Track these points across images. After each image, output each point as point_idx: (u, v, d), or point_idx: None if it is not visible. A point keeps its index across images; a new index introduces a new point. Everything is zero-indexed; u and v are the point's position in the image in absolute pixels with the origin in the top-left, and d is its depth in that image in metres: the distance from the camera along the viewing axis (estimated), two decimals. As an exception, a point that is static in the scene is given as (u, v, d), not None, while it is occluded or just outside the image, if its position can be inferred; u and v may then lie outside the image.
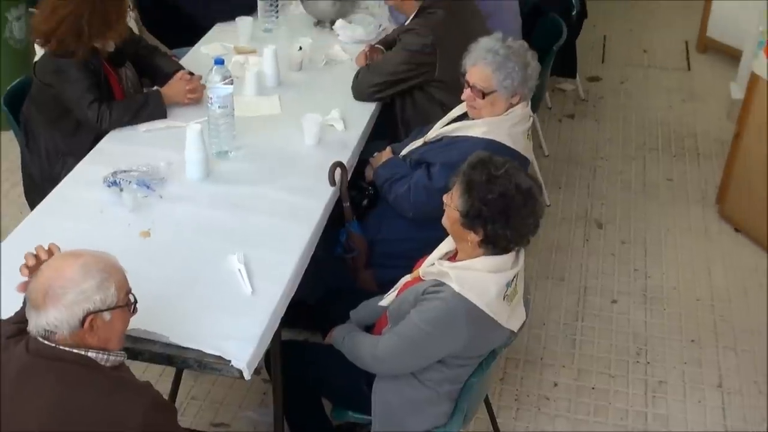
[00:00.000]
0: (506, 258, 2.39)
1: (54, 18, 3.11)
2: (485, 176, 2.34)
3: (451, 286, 2.34)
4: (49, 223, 2.74)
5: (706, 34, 6.00)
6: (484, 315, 2.33)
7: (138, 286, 2.06)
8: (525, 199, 2.33)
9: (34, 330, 1.87)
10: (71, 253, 1.95)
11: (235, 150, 3.12)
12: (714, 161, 4.78)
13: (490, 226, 2.31)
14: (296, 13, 4.14)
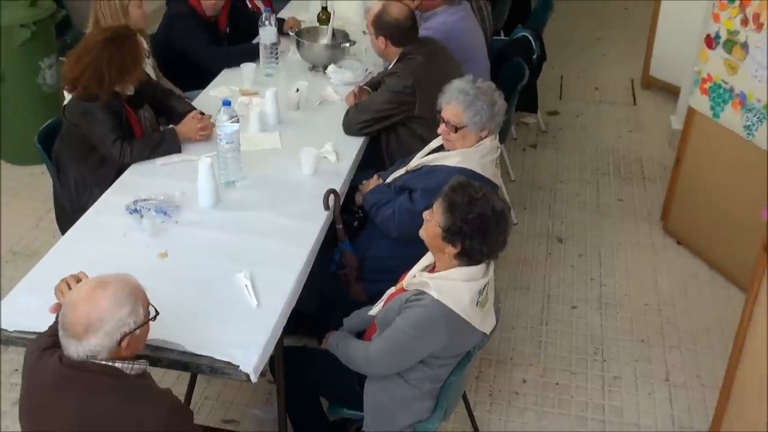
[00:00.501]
0: (478, 269, 2.41)
1: (78, 67, 3.11)
2: (466, 198, 2.37)
3: (431, 294, 2.36)
4: (78, 247, 2.74)
5: (649, 73, 6.04)
6: (460, 319, 2.35)
7: (156, 301, 2.06)
8: (499, 220, 2.37)
9: (74, 355, 1.85)
10: (98, 282, 1.91)
11: (241, 180, 3.11)
12: (658, 184, 4.79)
13: (468, 242, 2.34)
14: (293, 59, 4.14)
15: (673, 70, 5.66)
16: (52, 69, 4.68)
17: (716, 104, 3.89)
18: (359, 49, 4.17)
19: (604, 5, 7.55)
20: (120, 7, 3.61)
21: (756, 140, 3.67)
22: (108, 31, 3.27)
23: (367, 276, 3.06)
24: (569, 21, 6.98)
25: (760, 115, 3.63)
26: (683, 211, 4.25)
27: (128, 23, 3.53)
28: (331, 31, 4.17)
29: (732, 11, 3.71)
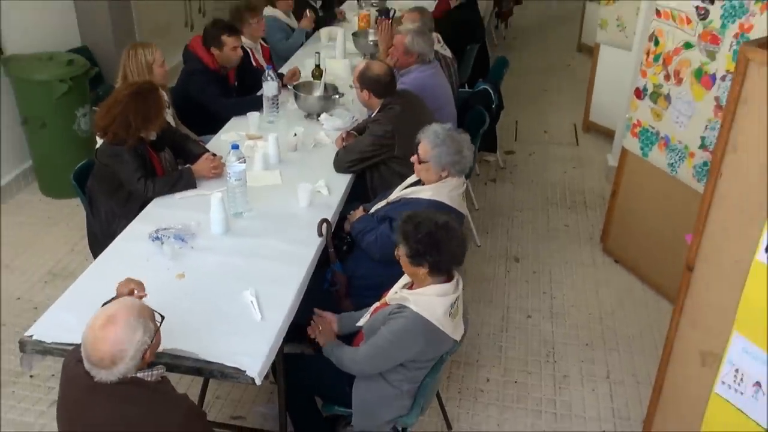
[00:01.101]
0: (449, 285, 2.42)
1: (109, 116, 3.10)
2: (412, 225, 2.40)
3: (410, 307, 2.38)
4: (108, 270, 2.71)
5: (589, 118, 6.08)
6: (435, 328, 2.36)
7: (174, 315, 2.07)
8: (447, 231, 2.39)
9: (105, 379, 1.82)
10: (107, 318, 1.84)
11: (247, 211, 3.09)
12: (597, 211, 4.81)
13: (429, 258, 2.36)
14: (292, 108, 4.14)
15: (608, 117, 5.71)
16: (86, 117, 4.66)
17: (645, 145, 3.93)
18: (347, 100, 4.19)
19: (550, 63, 7.65)
20: (145, 65, 3.62)
21: (679, 176, 3.71)
22: (134, 86, 3.26)
23: (354, 292, 3.05)
24: (522, 76, 7.05)
25: (681, 154, 3.67)
26: (619, 234, 4.28)
27: (152, 79, 3.53)
28: (323, 85, 4.20)
29: (657, 68, 3.77)
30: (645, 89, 3.87)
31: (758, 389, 2.08)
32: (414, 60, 4.09)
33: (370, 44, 5.02)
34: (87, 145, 4.53)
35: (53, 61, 4.56)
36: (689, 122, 3.59)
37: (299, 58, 4.95)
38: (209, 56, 4.12)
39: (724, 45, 3.35)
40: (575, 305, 3.94)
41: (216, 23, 4.15)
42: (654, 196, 3.93)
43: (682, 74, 3.59)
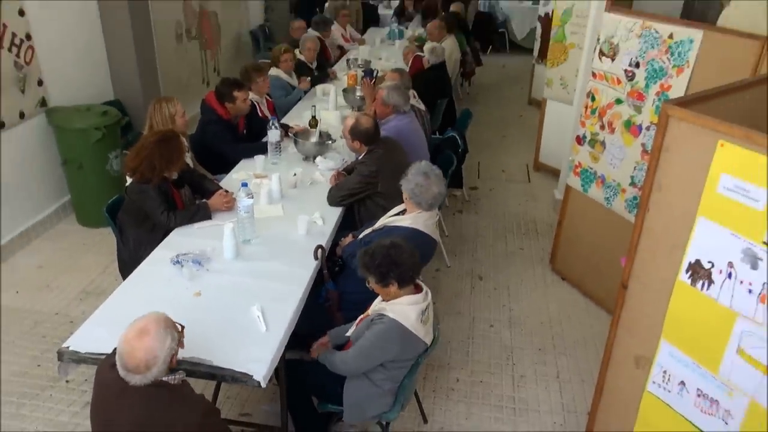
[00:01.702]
0: (419, 296, 2.45)
1: (137, 159, 3.09)
2: (368, 257, 2.43)
3: (388, 315, 2.39)
4: (135, 289, 2.69)
5: (539, 159, 6.12)
6: (409, 332, 2.38)
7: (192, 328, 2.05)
8: (396, 248, 2.40)
9: (138, 383, 1.80)
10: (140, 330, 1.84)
11: (254, 239, 3.08)
12: (546, 237, 4.82)
13: (393, 274, 2.38)
14: (292, 152, 4.14)
15: (555, 158, 5.74)
16: (117, 159, 4.63)
17: (585, 183, 3.97)
18: (338, 145, 4.19)
19: (506, 114, 7.69)
20: (168, 117, 3.60)
21: (613, 208, 3.74)
22: (159, 134, 3.25)
23: (345, 306, 3.03)
24: (483, 124, 7.09)
25: (615, 190, 3.72)
26: (565, 256, 4.30)
27: (174, 128, 3.52)
28: (319, 133, 4.21)
29: (593, 120, 3.82)
30: (584, 137, 3.92)
31: (683, 387, 2.09)
32: (391, 111, 4.11)
33: (357, 98, 5.05)
34: (117, 183, 4.50)
35: (90, 112, 4.54)
36: (621, 164, 3.64)
37: (298, 111, 4.97)
38: (222, 108, 4.12)
39: (648, 101, 3.41)
40: (530, 316, 3.94)
41: (225, 82, 4.12)
42: (593, 224, 3.95)
43: (615, 125, 3.65)
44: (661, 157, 2.05)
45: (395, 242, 2.43)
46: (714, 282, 1.91)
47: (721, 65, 2.97)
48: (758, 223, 1.76)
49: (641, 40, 3.39)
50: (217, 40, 7.33)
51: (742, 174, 1.79)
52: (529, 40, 9.71)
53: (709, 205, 1.90)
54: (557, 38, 5.53)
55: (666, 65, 3.27)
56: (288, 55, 5.20)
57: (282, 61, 5.17)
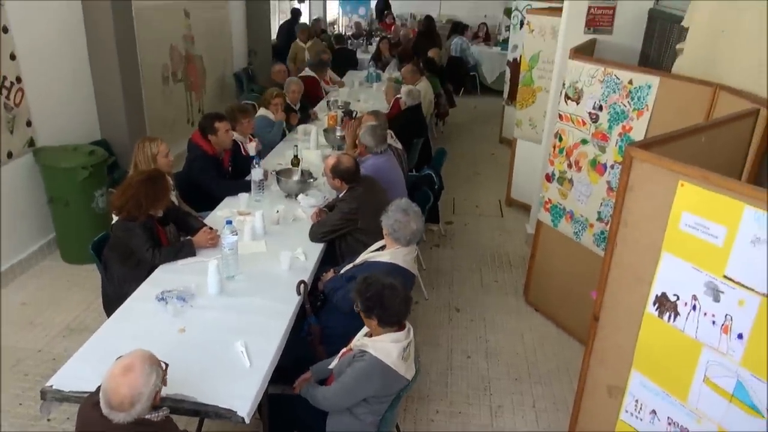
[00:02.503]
0: (401, 333, 2.40)
1: (124, 198, 3.06)
2: (364, 285, 2.41)
3: (370, 352, 2.35)
4: (120, 326, 2.63)
5: (510, 195, 6.18)
6: (391, 369, 2.33)
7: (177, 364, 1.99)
8: (392, 291, 2.36)
9: (123, 421, 1.74)
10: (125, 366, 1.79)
11: (238, 274, 3.04)
12: (520, 270, 4.85)
13: (376, 311, 2.35)
14: (275, 190, 4.13)
15: (526, 194, 5.81)
16: (103, 197, 4.56)
17: (555, 218, 4.02)
18: (319, 183, 4.20)
19: (478, 152, 7.79)
20: (151, 156, 3.59)
21: (582, 242, 3.79)
22: (145, 173, 3.24)
23: (326, 340, 2.99)
24: (457, 162, 7.17)
25: (583, 225, 3.77)
26: (538, 288, 4.32)
27: (158, 167, 3.50)
28: (300, 171, 4.22)
29: (561, 159, 3.89)
30: (553, 174, 3.99)
31: (654, 416, 2.10)
32: (366, 151, 4.16)
33: (338, 138, 5.09)
34: (103, 220, 4.44)
35: (77, 152, 4.49)
36: (588, 200, 3.70)
37: (281, 150, 4.98)
38: (207, 143, 4.12)
39: (611, 141, 3.50)
40: (505, 347, 3.92)
41: (207, 116, 4.18)
42: (564, 257, 3.99)
43: (581, 163, 3.72)
44: (627, 196, 2.09)
45: (394, 284, 2.37)
46: (680, 314, 1.94)
47: (678, 109, 3.07)
48: (718, 258, 1.80)
49: (603, 85, 3.49)
50: (202, 82, 7.36)
51: (701, 212, 1.83)
52: (498, 83, 9.93)
53: (672, 241, 1.94)
54: (525, 82, 5.67)
55: (627, 108, 3.37)
56: (279, 99, 5.28)
57: (272, 104, 5.24)
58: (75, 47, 4.88)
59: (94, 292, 3.97)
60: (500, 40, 11.00)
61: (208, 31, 7.36)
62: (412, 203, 3.04)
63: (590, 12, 4.42)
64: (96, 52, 4.99)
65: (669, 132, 2.20)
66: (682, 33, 3.60)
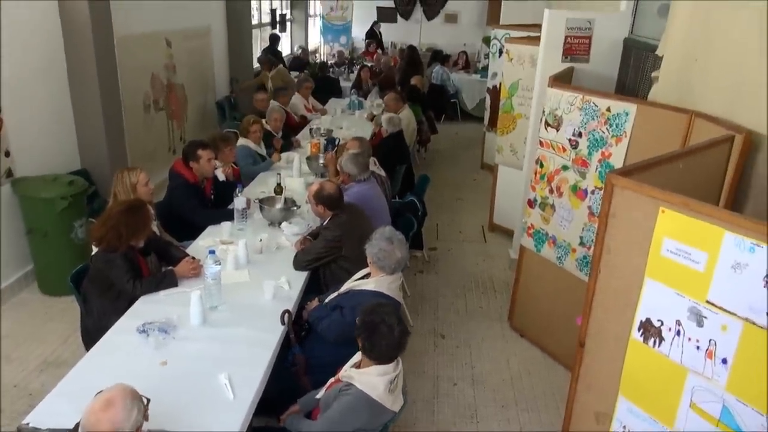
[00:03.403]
0: (389, 366, 2.37)
1: (104, 229, 3.02)
2: (368, 309, 2.39)
3: (356, 385, 2.32)
4: (100, 359, 2.57)
5: (493, 220, 6.21)
6: (377, 402, 2.31)
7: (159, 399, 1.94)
8: (385, 328, 2.31)
9: None
10: (106, 401, 1.75)
11: (222, 305, 3.00)
12: (504, 295, 4.85)
13: (362, 335, 2.34)
14: (257, 218, 4.11)
15: (508, 219, 5.84)
16: (82, 227, 4.49)
17: (538, 243, 4.05)
18: (303, 211, 4.20)
19: (460, 178, 7.85)
20: (130, 186, 3.56)
21: (565, 266, 3.82)
22: (126, 203, 3.21)
23: (311, 370, 2.95)
24: (440, 188, 7.21)
25: (566, 250, 3.80)
26: (522, 313, 4.32)
27: (138, 197, 3.47)
28: (284, 199, 4.21)
29: (543, 185, 3.94)
30: (535, 200, 4.03)
31: (642, 442, 2.09)
32: (349, 179, 4.17)
33: (320, 166, 5.10)
34: (82, 251, 4.37)
35: (56, 182, 4.43)
36: (570, 225, 3.74)
37: (264, 178, 4.96)
38: (189, 171, 4.11)
39: (591, 167, 3.56)
40: (491, 373, 3.90)
41: (191, 143, 4.18)
42: (547, 282, 4.01)
43: (562, 189, 3.77)
44: (609, 223, 2.12)
45: (390, 323, 2.31)
46: (664, 339, 1.95)
47: (655, 135, 3.13)
48: (700, 283, 1.82)
49: (582, 113, 3.56)
50: (183, 110, 7.35)
51: (683, 238, 1.86)
52: (479, 110, 10.08)
53: (655, 267, 1.96)
54: (505, 109, 5.76)
55: (606, 135, 3.43)
56: (257, 126, 5.28)
57: (251, 132, 5.23)
58: (55, 76, 4.86)
59: (72, 325, 3.88)
60: (480, 68, 11.19)
61: (189, 60, 7.39)
62: (396, 231, 3.04)
63: (567, 41, 4.54)
64: (77, 82, 4.97)
65: (648, 159, 2.25)
66: (656, 61, 3.70)
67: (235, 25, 8.67)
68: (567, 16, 4.52)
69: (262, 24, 11.04)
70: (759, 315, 1.70)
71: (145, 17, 6.22)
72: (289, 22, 12.74)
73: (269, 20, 11.34)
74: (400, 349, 2.36)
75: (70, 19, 4.82)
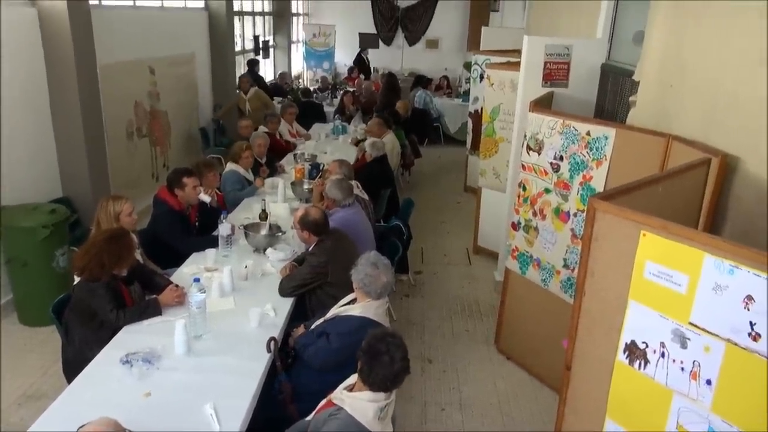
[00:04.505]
0: (382, 394, 2.33)
1: (86, 258, 2.99)
2: (379, 333, 2.36)
3: (345, 410, 2.29)
4: (82, 392, 2.51)
5: (477, 243, 6.24)
6: (366, 429, 2.27)
7: None
8: (387, 358, 2.26)
9: None
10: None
11: (206, 333, 2.97)
12: (490, 318, 4.85)
13: (362, 359, 2.30)
14: (242, 244, 4.09)
15: (492, 241, 5.86)
16: (64, 256, 4.43)
17: (522, 265, 4.07)
18: (288, 237, 4.19)
19: (444, 201, 7.88)
20: (113, 216, 3.52)
21: (550, 288, 3.84)
22: (109, 232, 3.18)
23: (298, 398, 2.91)
24: (424, 211, 7.22)
25: (550, 272, 3.83)
26: (509, 336, 4.32)
27: (122, 226, 3.44)
28: (269, 225, 4.20)
29: (526, 208, 3.98)
30: (519, 223, 4.07)
31: (630, 465, 2.09)
32: (333, 204, 4.19)
33: (305, 191, 5.11)
34: (63, 280, 4.30)
35: (37, 211, 4.38)
36: (554, 247, 3.78)
37: (249, 204, 4.95)
38: (173, 199, 4.09)
39: (573, 190, 3.61)
40: (479, 397, 3.88)
41: (176, 171, 4.17)
42: (533, 305, 4.02)
43: (545, 212, 3.81)
44: (592, 246, 2.15)
45: (393, 356, 2.27)
46: (650, 361, 1.97)
47: (635, 158, 3.20)
48: (683, 305, 1.85)
49: (563, 137, 3.62)
50: (167, 136, 7.34)
51: (664, 261, 1.89)
52: (461, 133, 10.19)
53: (638, 290, 1.99)
54: (488, 133, 5.83)
55: (586, 158, 3.49)
56: (249, 152, 5.30)
57: (243, 157, 5.24)
58: (37, 105, 4.83)
59: (52, 357, 3.81)
60: (461, 92, 11.35)
61: (173, 87, 7.40)
62: (381, 256, 3.04)
63: (547, 67, 4.63)
64: (59, 110, 4.95)
65: (629, 183, 2.29)
66: (633, 85, 3.80)
67: (219, 52, 8.72)
68: (546, 42, 4.62)
69: (246, 50, 11.11)
70: (740, 336, 1.72)
71: (129, 45, 6.24)
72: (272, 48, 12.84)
73: (252, 46, 11.42)
74: (396, 383, 2.33)
75: (53, 47, 4.82)
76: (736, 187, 2.58)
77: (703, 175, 2.58)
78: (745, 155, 2.52)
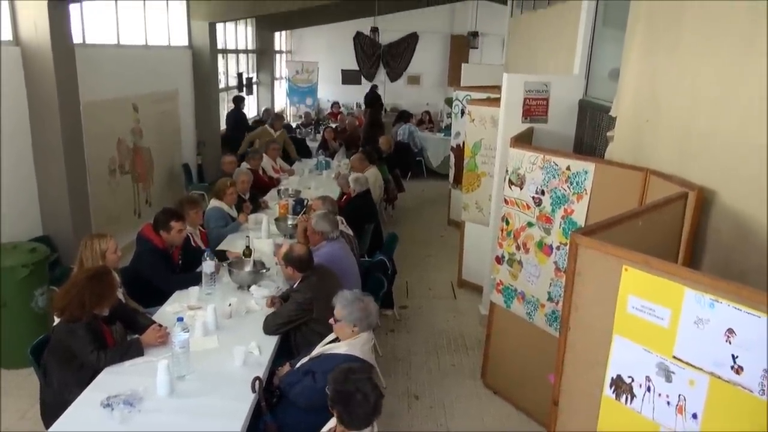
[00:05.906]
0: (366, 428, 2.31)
1: (67, 298, 2.94)
2: (342, 376, 2.34)
3: None
4: (60, 438, 2.44)
5: (462, 276, 6.24)
6: None
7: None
8: (363, 398, 2.26)
9: None
10: None
11: (190, 373, 2.92)
12: (476, 352, 4.83)
13: (337, 406, 2.29)
14: (226, 281, 4.06)
15: (477, 275, 5.87)
16: (43, 296, 4.35)
17: (507, 299, 4.08)
18: (272, 273, 4.16)
19: (428, 235, 7.91)
20: (99, 254, 3.46)
21: (535, 322, 3.84)
22: (90, 271, 3.14)
23: (284, 439, 2.88)
24: (409, 247, 7.22)
25: (534, 305, 3.84)
26: (495, 370, 4.30)
27: (105, 264, 3.40)
28: (253, 262, 4.17)
29: (509, 241, 4.01)
30: (503, 256, 4.09)
31: (620, 502, 2.07)
32: (320, 238, 4.19)
33: (289, 227, 5.10)
34: (42, 321, 4.22)
35: (17, 250, 4.32)
36: (538, 281, 3.79)
37: (232, 240, 4.93)
38: (158, 238, 4.06)
39: (555, 224, 3.65)
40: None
41: (165, 212, 4.13)
42: (518, 338, 4.01)
43: (528, 245, 3.84)
44: (575, 281, 2.17)
45: (365, 391, 2.26)
46: (636, 396, 1.98)
47: (614, 192, 3.26)
48: (666, 339, 1.87)
49: (544, 172, 3.68)
50: (150, 173, 7.32)
51: (646, 295, 1.92)
52: (444, 167, 10.30)
53: (622, 324, 2.01)
54: (470, 168, 5.91)
55: (567, 192, 3.55)
56: (233, 188, 5.30)
57: (227, 194, 5.24)
58: (18, 142, 4.81)
59: (30, 400, 3.70)
60: (443, 127, 11.52)
61: (156, 123, 7.41)
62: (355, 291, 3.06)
63: (526, 103, 4.74)
64: (41, 148, 4.93)
65: (610, 217, 2.33)
66: (611, 120, 3.89)
67: (202, 89, 8.80)
68: (525, 79, 4.73)
69: (229, 87, 11.21)
70: (724, 369, 1.74)
71: (113, 83, 6.27)
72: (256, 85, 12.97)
73: (236, 83, 11.53)
74: (376, 413, 2.32)
75: (36, 85, 4.82)
76: (714, 220, 2.63)
77: (681, 208, 2.64)
78: (721, 188, 2.58)
